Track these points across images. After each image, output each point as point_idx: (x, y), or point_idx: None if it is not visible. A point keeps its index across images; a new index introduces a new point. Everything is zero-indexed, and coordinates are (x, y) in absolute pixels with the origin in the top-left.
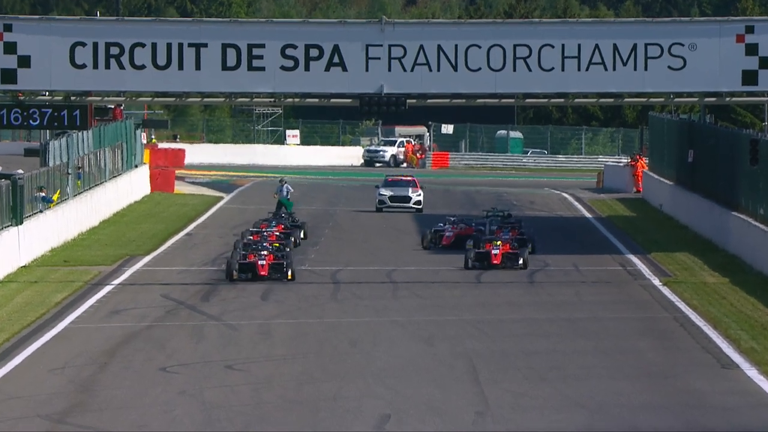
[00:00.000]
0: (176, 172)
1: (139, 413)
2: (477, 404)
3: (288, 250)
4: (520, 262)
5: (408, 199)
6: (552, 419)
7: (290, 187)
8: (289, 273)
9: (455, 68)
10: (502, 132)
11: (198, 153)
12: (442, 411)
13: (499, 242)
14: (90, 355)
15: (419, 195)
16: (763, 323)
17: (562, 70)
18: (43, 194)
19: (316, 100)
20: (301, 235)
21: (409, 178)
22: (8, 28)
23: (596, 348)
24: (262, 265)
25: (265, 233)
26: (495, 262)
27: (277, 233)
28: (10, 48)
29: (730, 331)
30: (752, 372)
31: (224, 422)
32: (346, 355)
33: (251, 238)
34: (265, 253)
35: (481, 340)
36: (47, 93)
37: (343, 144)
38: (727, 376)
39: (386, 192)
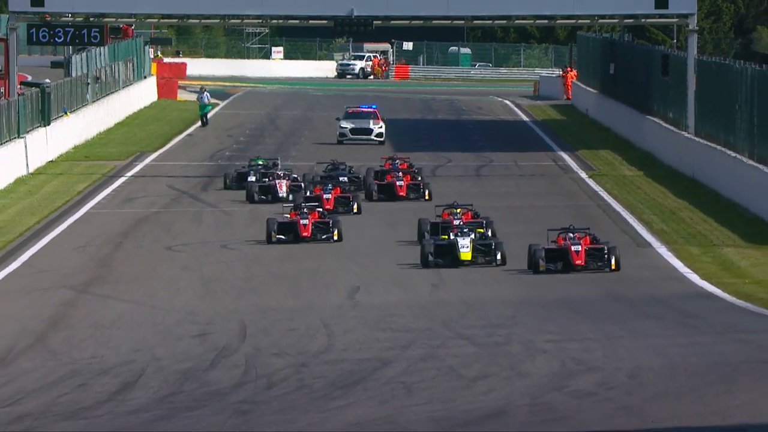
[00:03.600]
0: (179, 82)
1: (148, 285)
2: (433, 279)
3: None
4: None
5: (370, 131)
6: (494, 289)
7: (209, 95)
8: (336, 232)
9: None
10: (454, 48)
11: (197, 66)
12: (404, 285)
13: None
14: (107, 236)
15: (381, 127)
16: (672, 209)
17: None
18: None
19: (297, 21)
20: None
21: (370, 110)
22: None
23: (531, 231)
24: (305, 225)
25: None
26: None
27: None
28: None
29: (644, 215)
30: (662, 250)
31: (220, 293)
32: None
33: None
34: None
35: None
36: (70, 15)
37: (320, 59)
38: (642, 253)
39: (347, 124)
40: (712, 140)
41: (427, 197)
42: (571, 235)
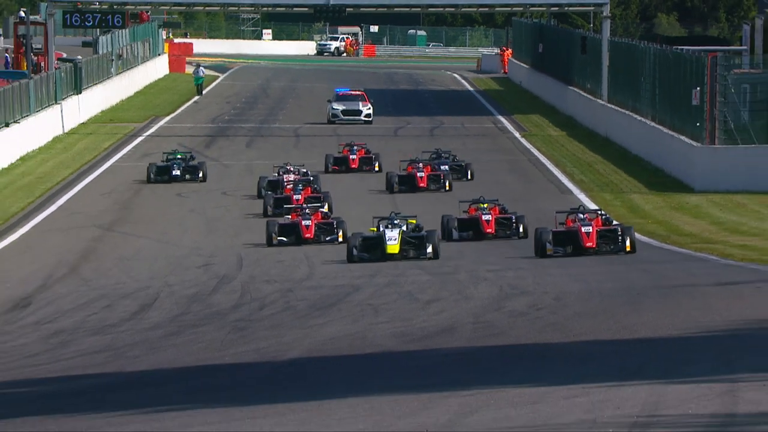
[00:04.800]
0: (186, 59)
1: (162, 225)
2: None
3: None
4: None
5: (359, 112)
6: None
7: (204, 70)
8: (341, 233)
9: None
10: (412, 31)
11: (202, 45)
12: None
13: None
14: (128, 185)
15: (369, 108)
16: (589, 162)
17: None
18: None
19: (283, 8)
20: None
21: (358, 93)
22: None
23: (478, 179)
24: (307, 226)
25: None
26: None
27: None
28: None
29: (566, 168)
30: (581, 195)
31: (221, 231)
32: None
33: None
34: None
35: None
36: (97, 3)
37: (302, 39)
38: (565, 198)
39: (339, 106)
40: (622, 106)
41: (377, 168)
42: (581, 216)
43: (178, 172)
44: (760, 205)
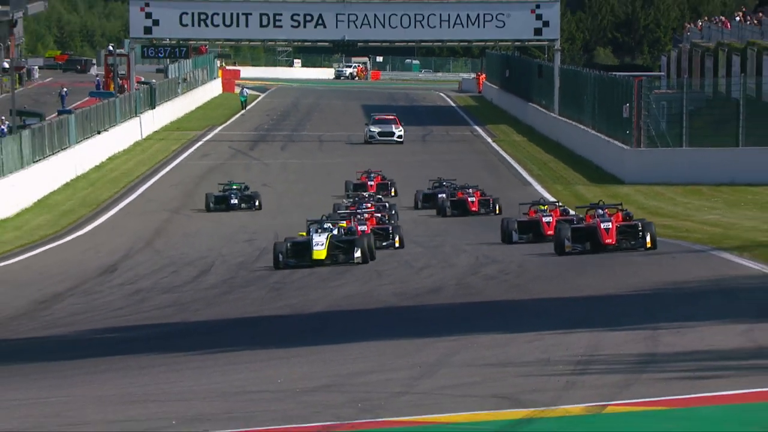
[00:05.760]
0: (235, 81)
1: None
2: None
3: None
4: None
5: (393, 134)
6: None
7: (247, 90)
8: (397, 239)
9: (383, 26)
10: (408, 60)
11: (246, 71)
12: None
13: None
14: (191, 178)
15: (401, 131)
16: (545, 161)
17: (440, 27)
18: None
19: (309, 43)
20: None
21: (391, 117)
22: (147, 5)
23: (459, 173)
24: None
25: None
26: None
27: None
28: (148, 15)
29: (527, 165)
30: (538, 186)
31: (262, 214)
32: (330, 178)
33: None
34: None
35: (395, 172)
36: (168, 39)
37: (323, 66)
38: (525, 189)
39: (375, 129)
40: (569, 118)
41: (393, 193)
42: (601, 211)
43: (236, 201)
44: (674, 193)
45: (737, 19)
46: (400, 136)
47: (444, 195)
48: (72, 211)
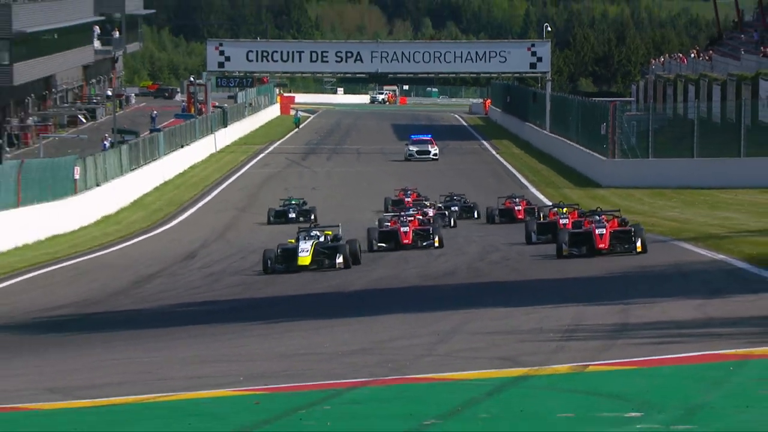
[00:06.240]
0: (290, 106)
1: (265, 200)
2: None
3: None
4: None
5: (428, 152)
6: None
7: (300, 112)
8: (436, 239)
9: (409, 61)
10: (429, 88)
11: (300, 97)
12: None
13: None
14: (255, 182)
15: (436, 150)
16: (538, 169)
17: (454, 62)
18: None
19: (350, 74)
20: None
21: (427, 138)
22: (221, 44)
23: (469, 182)
24: (405, 233)
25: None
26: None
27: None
28: (222, 53)
29: (524, 172)
30: (534, 189)
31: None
32: (367, 184)
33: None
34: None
35: (418, 179)
36: (237, 72)
37: (361, 93)
38: (523, 192)
39: (414, 148)
40: (559, 135)
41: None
42: (597, 217)
43: (294, 215)
44: (642, 195)
45: (692, 55)
46: (435, 155)
47: (456, 208)
48: (160, 209)
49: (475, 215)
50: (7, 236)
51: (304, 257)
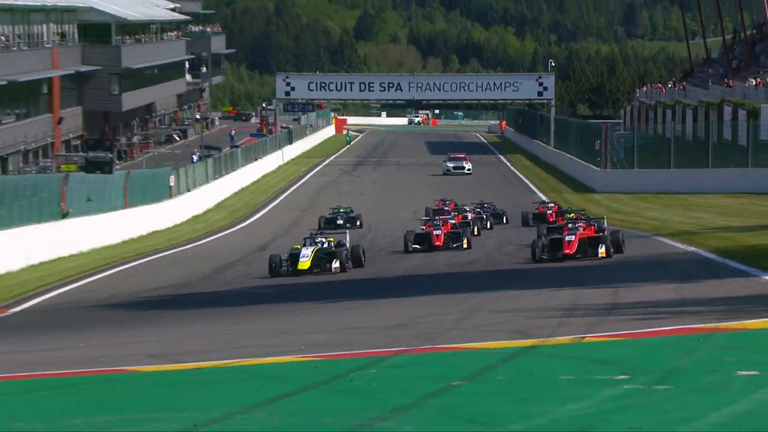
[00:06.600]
0: (343, 126)
1: (322, 203)
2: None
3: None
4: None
5: (463, 168)
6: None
7: (351, 132)
8: (465, 241)
9: (439, 90)
10: (456, 112)
11: (350, 119)
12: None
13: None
14: (314, 188)
15: (469, 165)
16: (544, 178)
17: (476, 91)
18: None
19: (391, 101)
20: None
21: (462, 155)
22: (287, 77)
23: (488, 188)
24: (437, 235)
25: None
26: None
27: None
28: (288, 84)
29: (533, 180)
30: (541, 194)
31: (364, 213)
32: (405, 191)
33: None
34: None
35: (447, 186)
36: (300, 99)
37: (400, 116)
38: (532, 196)
39: (450, 164)
40: (561, 150)
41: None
42: (570, 225)
43: (342, 222)
44: (628, 199)
45: (669, 85)
46: (469, 170)
47: (488, 214)
48: (238, 210)
49: (504, 221)
50: (117, 232)
51: (304, 262)
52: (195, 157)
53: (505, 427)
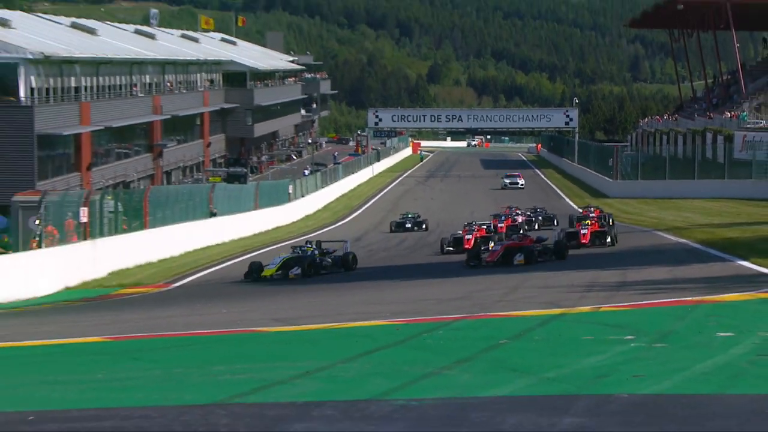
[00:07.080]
0: (418, 148)
1: (405, 211)
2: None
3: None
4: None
5: (518, 183)
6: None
7: (423, 152)
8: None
9: (491, 120)
10: (503, 137)
11: (423, 143)
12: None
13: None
14: (395, 196)
15: (523, 181)
16: (570, 187)
17: (518, 121)
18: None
19: (454, 129)
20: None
21: (517, 173)
22: (376, 111)
23: (528, 195)
24: (468, 239)
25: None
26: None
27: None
28: (377, 116)
29: (562, 189)
30: (567, 200)
31: (429, 212)
32: (464, 197)
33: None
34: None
35: (498, 195)
36: (386, 128)
37: (461, 140)
38: (559, 201)
39: (507, 180)
40: (583, 166)
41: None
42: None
43: (410, 225)
44: (634, 202)
45: (665, 117)
46: (522, 185)
47: (540, 218)
48: (340, 211)
49: (555, 223)
50: (249, 228)
51: (269, 270)
52: (307, 171)
53: (541, 374)
